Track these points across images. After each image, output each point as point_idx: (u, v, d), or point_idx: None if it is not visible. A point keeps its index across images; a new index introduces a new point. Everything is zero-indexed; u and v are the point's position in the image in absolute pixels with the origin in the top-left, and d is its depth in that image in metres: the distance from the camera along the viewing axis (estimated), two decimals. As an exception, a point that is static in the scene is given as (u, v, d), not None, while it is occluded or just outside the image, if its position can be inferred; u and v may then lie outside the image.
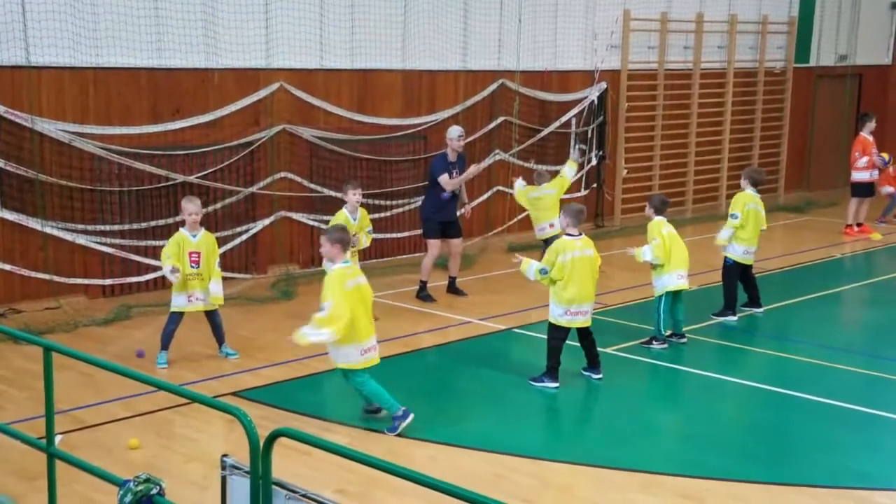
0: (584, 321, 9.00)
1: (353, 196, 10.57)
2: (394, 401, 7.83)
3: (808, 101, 20.79)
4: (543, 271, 8.86)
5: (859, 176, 16.79)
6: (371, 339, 7.87)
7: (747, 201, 11.26)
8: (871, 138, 16.80)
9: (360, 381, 7.87)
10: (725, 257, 11.37)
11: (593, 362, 9.22)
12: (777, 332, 11.11)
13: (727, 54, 18.50)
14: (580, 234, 8.99)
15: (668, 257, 10.07)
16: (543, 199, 12.80)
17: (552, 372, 8.97)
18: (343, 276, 7.72)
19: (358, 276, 7.86)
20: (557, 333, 8.99)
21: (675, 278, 10.13)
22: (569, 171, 13.10)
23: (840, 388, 9.10)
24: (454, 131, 12.00)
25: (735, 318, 11.27)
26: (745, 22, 18.65)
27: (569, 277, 8.79)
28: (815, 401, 8.75)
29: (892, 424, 8.32)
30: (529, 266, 9.04)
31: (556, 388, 8.91)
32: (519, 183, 13.02)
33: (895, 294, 13.43)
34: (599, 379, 9.15)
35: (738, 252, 11.29)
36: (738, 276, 11.39)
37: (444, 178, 11.72)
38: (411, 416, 7.80)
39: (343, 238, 7.91)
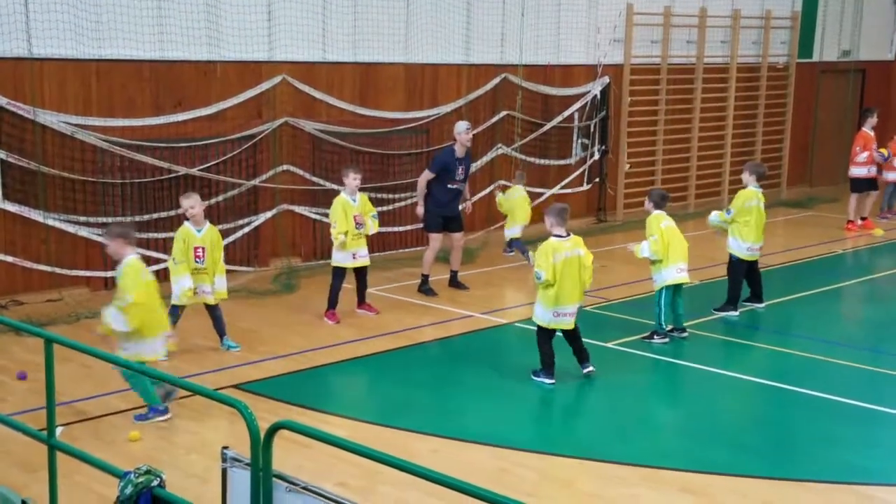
0: (568, 323, 8.87)
1: (354, 181, 10.56)
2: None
3: (811, 96, 20.76)
4: (538, 277, 8.74)
5: (857, 171, 16.77)
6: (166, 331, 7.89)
7: (749, 198, 11.22)
8: (872, 134, 16.78)
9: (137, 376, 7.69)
10: (731, 253, 11.33)
11: (581, 357, 9.07)
12: (779, 327, 11.10)
13: (730, 49, 18.46)
14: (569, 235, 8.92)
15: (667, 252, 10.05)
16: (521, 202, 13.61)
17: (547, 369, 8.95)
18: (141, 267, 7.75)
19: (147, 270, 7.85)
20: (543, 335, 8.94)
21: (674, 272, 10.10)
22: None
23: (841, 384, 9.09)
24: (461, 125, 11.97)
25: (736, 313, 11.25)
26: (748, 17, 18.61)
27: (559, 279, 8.71)
28: (817, 396, 8.75)
29: (893, 420, 8.31)
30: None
31: (553, 384, 8.88)
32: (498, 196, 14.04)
33: (895, 290, 13.46)
34: (591, 372, 9.03)
35: (742, 249, 11.24)
36: (744, 273, 11.35)
37: (425, 175, 11.77)
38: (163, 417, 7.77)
39: (123, 232, 7.85)
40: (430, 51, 14.23)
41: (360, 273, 10.88)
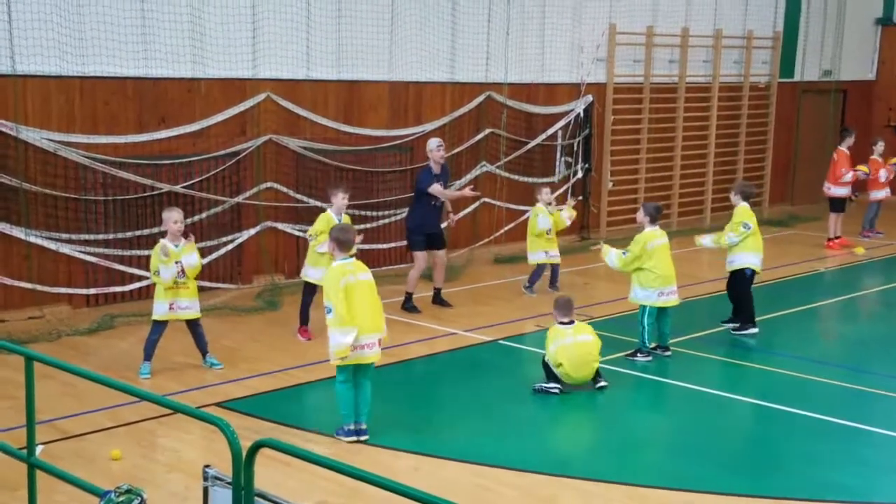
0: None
1: (343, 200, 10.54)
2: None
3: (793, 115, 20.91)
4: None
5: (840, 191, 16.91)
6: None
7: (750, 211, 11.23)
8: (847, 153, 16.91)
9: None
10: (742, 270, 11.17)
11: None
12: (761, 345, 11.13)
13: (712, 68, 18.60)
14: (572, 322, 9.26)
15: (651, 272, 10.07)
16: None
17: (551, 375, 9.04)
18: None
19: None
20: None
21: (654, 296, 10.11)
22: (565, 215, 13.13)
23: (823, 402, 9.13)
24: (433, 143, 12.02)
25: (756, 329, 11.25)
26: (730, 37, 18.76)
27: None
28: (799, 414, 8.77)
29: (875, 438, 8.35)
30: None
31: (560, 389, 8.99)
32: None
33: (878, 308, 13.52)
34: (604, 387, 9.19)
35: (755, 261, 11.19)
36: (750, 286, 11.30)
37: (436, 188, 11.73)
38: None
39: None
40: (414, 69, 14.27)
41: None
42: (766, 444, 8.22)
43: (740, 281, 11.30)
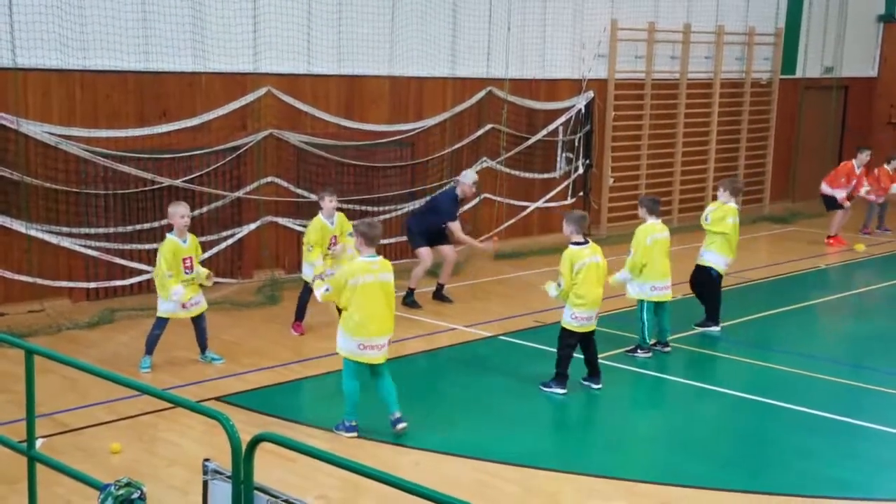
0: (590, 326, 9.04)
1: (330, 203, 10.50)
2: None
3: (794, 112, 20.89)
4: (559, 286, 8.89)
5: (827, 190, 16.91)
6: None
7: (733, 214, 11.23)
8: (858, 171, 16.85)
9: None
10: (710, 270, 11.18)
11: (594, 371, 9.21)
12: (760, 341, 11.14)
13: (714, 65, 18.58)
14: (587, 241, 9.01)
15: (642, 268, 10.05)
16: None
17: (561, 378, 8.99)
18: None
19: None
20: (570, 339, 9.00)
21: (648, 290, 10.11)
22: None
23: (821, 398, 9.13)
24: (470, 177, 12.06)
25: (718, 328, 11.24)
26: (731, 33, 18.74)
27: (581, 283, 8.80)
28: (797, 410, 8.79)
29: (872, 434, 8.35)
30: (549, 287, 9.07)
31: (564, 394, 8.94)
32: None
33: (876, 305, 13.52)
34: (599, 389, 9.16)
35: (722, 264, 11.20)
36: (719, 287, 11.32)
37: (455, 226, 11.85)
38: None
39: None
40: (415, 64, 14.25)
41: None
42: (765, 439, 8.23)
43: (707, 280, 11.23)
